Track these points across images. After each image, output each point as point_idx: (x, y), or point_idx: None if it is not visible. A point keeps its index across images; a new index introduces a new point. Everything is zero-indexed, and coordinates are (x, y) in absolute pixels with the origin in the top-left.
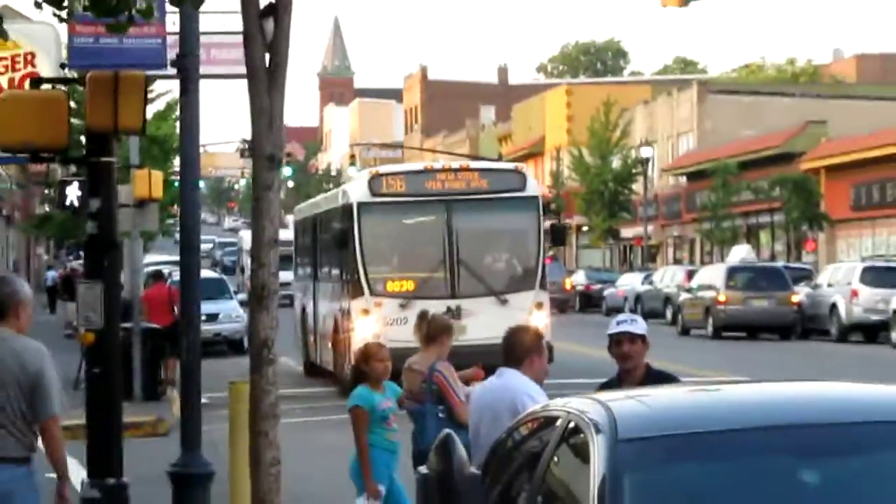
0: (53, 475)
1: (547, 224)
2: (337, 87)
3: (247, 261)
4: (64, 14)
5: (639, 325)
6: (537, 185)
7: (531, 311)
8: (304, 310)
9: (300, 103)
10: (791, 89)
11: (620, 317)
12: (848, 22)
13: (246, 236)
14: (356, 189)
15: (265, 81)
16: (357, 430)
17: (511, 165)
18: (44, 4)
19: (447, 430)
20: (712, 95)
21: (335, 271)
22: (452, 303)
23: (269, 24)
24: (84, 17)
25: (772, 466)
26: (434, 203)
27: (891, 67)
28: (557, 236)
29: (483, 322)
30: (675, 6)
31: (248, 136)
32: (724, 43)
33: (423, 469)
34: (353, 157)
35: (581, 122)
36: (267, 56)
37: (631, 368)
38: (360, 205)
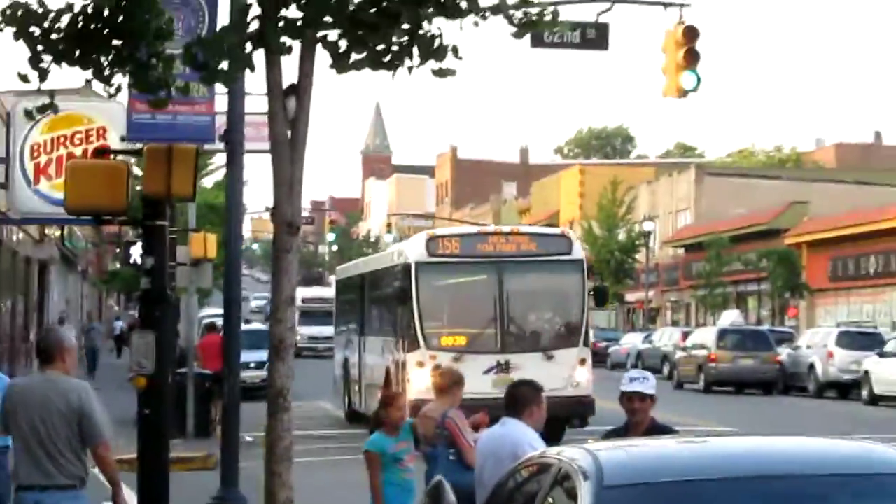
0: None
1: (590, 286)
2: (377, 164)
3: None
4: (113, 90)
5: (649, 385)
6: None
7: (575, 367)
8: (346, 361)
9: (345, 177)
10: (778, 173)
11: (633, 373)
12: (829, 114)
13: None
14: (413, 249)
15: (287, 154)
16: (370, 470)
17: (558, 230)
18: (94, 80)
19: (438, 477)
20: (708, 177)
21: (387, 326)
22: (502, 357)
23: (292, 103)
24: (140, 96)
25: None
26: (486, 264)
27: (866, 155)
28: (600, 297)
29: (530, 376)
30: (675, 97)
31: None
32: (720, 131)
33: None
34: (389, 225)
35: (592, 199)
36: (289, 132)
37: (639, 422)
38: (417, 264)
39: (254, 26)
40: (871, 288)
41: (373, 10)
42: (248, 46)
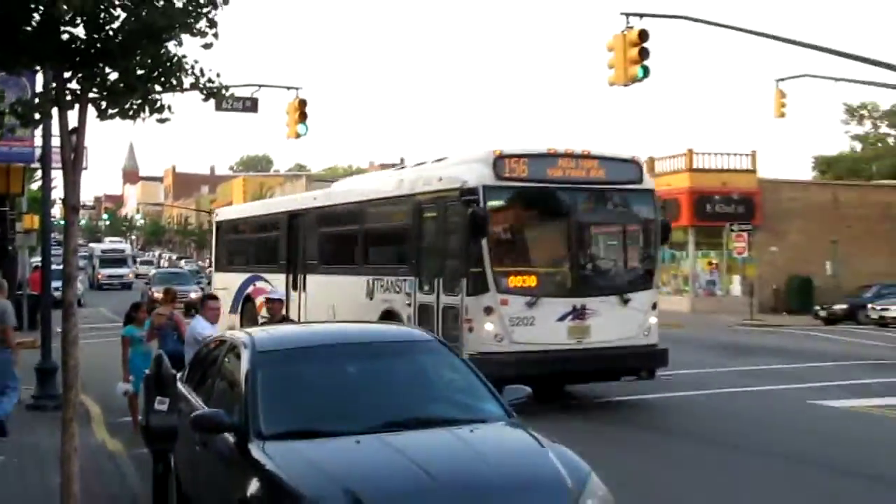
0: None
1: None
2: (131, 175)
3: (95, 262)
4: None
5: (277, 294)
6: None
7: (648, 312)
8: (248, 299)
9: (111, 182)
10: None
11: (270, 289)
12: (376, 141)
13: (95, 248)
14: (476, 170)
15: (71, 168)
16: (123, 349)
17: (628, 155)
18: None
19: (159, 352)
20: (315, 183)
21: (390, 264)
22: (578, 301)
23: (74, 138)
24: None
25: (333, 364)
26: (559, 191)
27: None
28: (666, 233)
29: (606, 325)
30: (294, 138)
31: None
32: (322, 154)
33: (146, 371)
34: (138, 209)
35: (250, 195)
36: (73, 155)
37: (273, 315)
38: (485, 189)
39: (52, 93)
40: None
41: (121, 85)
42: (49, 105)
